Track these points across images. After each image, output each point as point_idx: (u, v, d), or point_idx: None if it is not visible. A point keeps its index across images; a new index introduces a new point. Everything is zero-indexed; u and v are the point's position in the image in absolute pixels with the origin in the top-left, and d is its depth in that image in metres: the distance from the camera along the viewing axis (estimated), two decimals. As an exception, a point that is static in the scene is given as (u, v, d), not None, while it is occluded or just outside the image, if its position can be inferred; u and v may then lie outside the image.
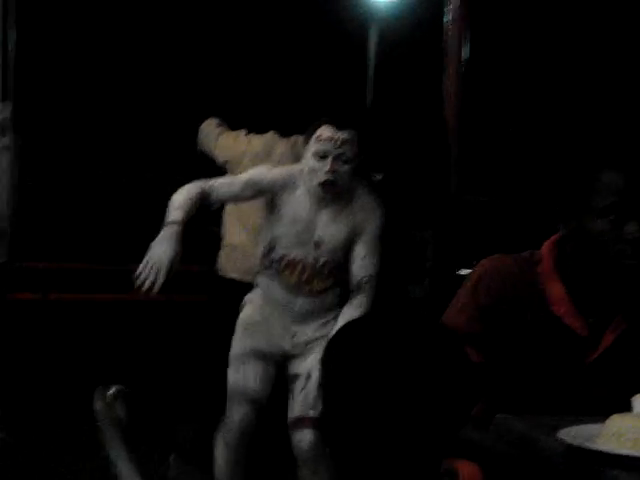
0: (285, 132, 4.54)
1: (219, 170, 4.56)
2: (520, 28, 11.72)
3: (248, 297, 3.73)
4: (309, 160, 3.51)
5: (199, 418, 4.62)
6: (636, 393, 1.88)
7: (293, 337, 3.64)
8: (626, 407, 1.87)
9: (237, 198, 3.64)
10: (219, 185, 3.57)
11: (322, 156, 3.47)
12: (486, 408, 2.07)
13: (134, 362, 6.27)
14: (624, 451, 1.60)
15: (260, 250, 3.67)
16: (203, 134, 4.69)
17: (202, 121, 4.79)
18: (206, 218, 3.80)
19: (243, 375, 3.59)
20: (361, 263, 3.57)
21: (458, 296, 2.26)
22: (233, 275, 4.40)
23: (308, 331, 3.62)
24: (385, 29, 10.96)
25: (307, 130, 3.57)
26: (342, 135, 3.47)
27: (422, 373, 1.45)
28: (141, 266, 3.31)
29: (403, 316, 1.52)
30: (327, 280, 3.58)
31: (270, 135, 4.55)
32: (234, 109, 4.92)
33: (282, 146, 4.40)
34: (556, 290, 2.19)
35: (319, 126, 3.51)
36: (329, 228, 3.57)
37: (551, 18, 11.53)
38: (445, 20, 6.01)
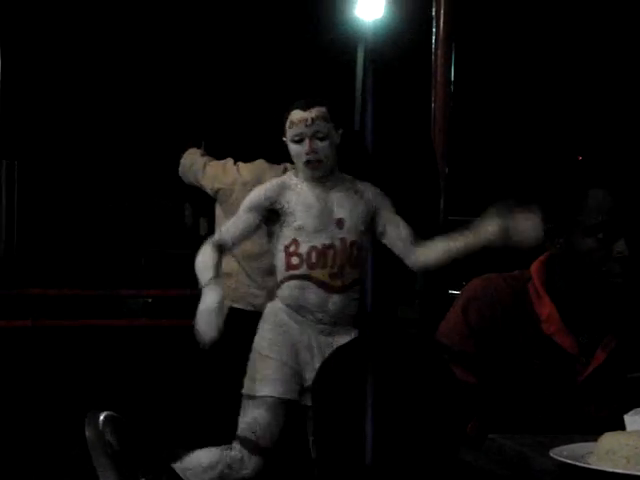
0: (274, 159, 4.54)
1: (207, 196, 4.56)
2: (507, 47, 11.77)
3: (262, 321, 3.58)
4: (290, 149, 3.57)
5: (191, 442, 4.61)
6: (628, 410, 1.88)
7: (315, 357, 3.44)
8: (618, 425, 1.87)
9: (250, 227, 3.56)
10: (226, 229, 3.57)
11: (298, 140, 3.51)
12: (480, 427, 2.07)
13: (125, 388, 6.25)
14: (617, 469, 1.60)
15: (279, 258, 3.54)
16: (187, 165, 4.65)
17: (185, 146, 4.75)
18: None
19: (272, 423, 3.46)
20: (401, 226, 3.53)
21: (449, 316, 2.27)
22: (226, 303, 4.40)
23: (334, 344, 3.40)
24: (373, 49, 10.99)
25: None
26: (310, 114, 3.51)
27: (413, 396, 1.45)
28: (195, 321, 3.37)
29: (394, 340, 1.52)
30: (355, 269, 3.49)
31: (259, 163, 4.55)
32: (219, 137, 4.92)
33: (272, 173, 4.41)
34: (546, 309, 2.20)
35: (288, 114, 3.56)
36: (345, 205, 3.53)
37: (540, 36, 11.58)
38: (433, 39, 6.04)
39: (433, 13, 6.02)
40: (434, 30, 6.05)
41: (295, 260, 3.49)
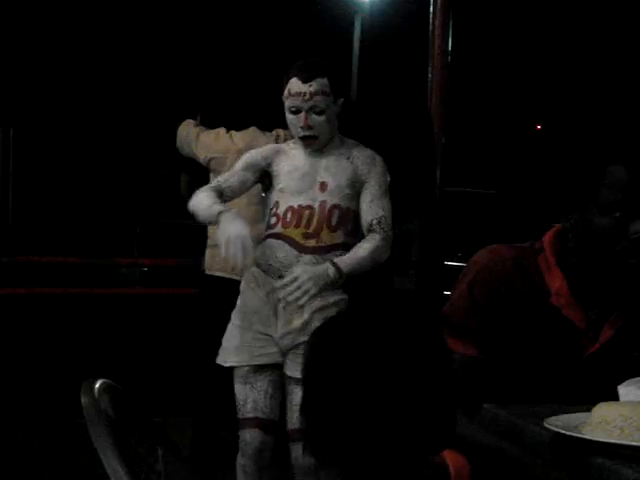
0: (266, 126, 4.53)
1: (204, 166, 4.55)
2: (505, 17, 11.70)
3: (241, 286, 3.49)
4: (287, 116, 3.44)
5: (188, 411, 4.63)
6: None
7: (287, 323, 3.36)
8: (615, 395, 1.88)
9: (245, 184, 3.47)
10: (224, 180, 3.48)
11: (295, 111, 3.38)
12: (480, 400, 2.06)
13: (120, 356, 6.26)
14: (611, 439, 1.61)
15: (265, 220, 3.46)
16: (182, 137, 4.65)
17: (181, 115, 4.75)
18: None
19: (250, 393, 3.37)
20: (368, 206, 3.38)
21: (456, 289, 2.25)
22: (219, 273, 4.40)
23: (305, 313, 3.33)
24: (369, 22, 10.95)
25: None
26: (309, 88, 3.37)
27: (406, 368, 1.44)
28: (224, 249, 3.24)
29: (387, 310, 1.52)
30: (335, 233, 3.35)
31: (251, 130, 4.54)
32: (213, 105, 4.90)
33: (264, 140, 4.39)
34: (557, 281, 2.18)
35: (288, 80, 3.42)
36: (331, 170, 3.41)
37: (540, 6, 11.52)
38: (430, 11, 6.01)
39: (431, -17, 5.99)
40: (432, 1, 6.02)
41: (273, 220, 3.40)
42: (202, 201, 3.36)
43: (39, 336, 6.63)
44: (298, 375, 3.22)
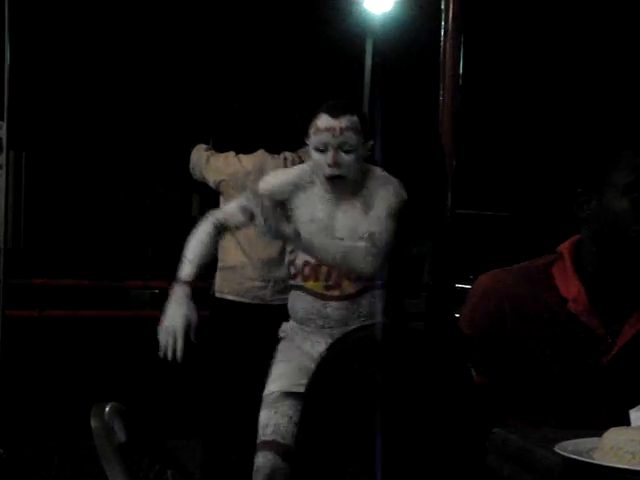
0: (274, 149, 4.55)
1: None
2: (516, 39, 11.73)
3: (282, 328, 3.42)
4: (312, 154, 3.30)
5: (199, 434, 4.62)
6: None
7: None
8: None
9: (255, 214, 3.30)
10: (232, 211, 3.37)
11: (323, 149, 3.24)
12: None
13: (131, 379, 6.26)
14: (622, 465, 1.59)
15: (286, 263, 3.43)
16: (194, 160, 4.69)
17: (194, 139, 4.79)
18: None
19: (273, 417, 3.27)
20: (369, 218, 3.26)
21: (459, 320, 2.25)
22: (230, 297, 4.40)
23: None
24: (381, 42, 10.97)
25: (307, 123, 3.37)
26: (340, 123, 3.23)
27: (426, 395, 1.42)
28: (160, 334, 3.27)
29: (400, 333, 1.50)
30: (358, 282, 3.26)
31: (259, 153, 4.56)
32: (225, 129, 4.92)
33: (272, 163, 4.41)
34: (574, 288, 2.16)
35: (315, 117, 3.29)
36: (348, 221, 3.28)
37: (550, 29, 11.54)
38: (442, 33, 6.03)
39: (442, 6, 6.00)
40: (443, 23, 6.03)
41: (292, 270, 3.34)
42: (189, 247, 3.31)
43: (51, 358, 6.64)
44: None
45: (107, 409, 1.91)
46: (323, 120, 3.25)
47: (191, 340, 3.29)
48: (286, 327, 3.38)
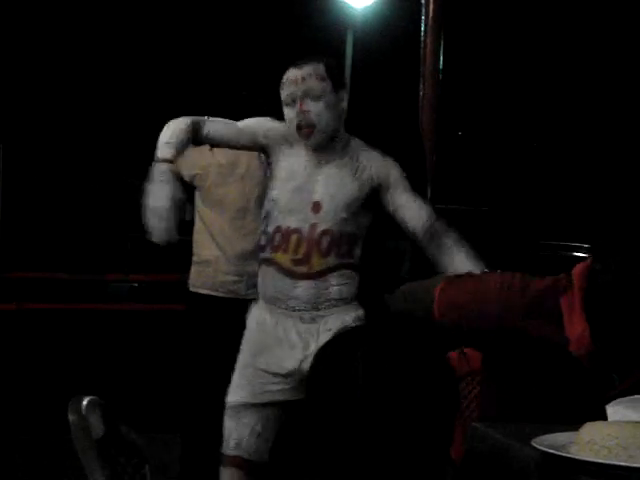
0: None
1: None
2: (496, 35, 11.74)
3: (248, 322, 3.27)
4: (284, 112, 3.15)
5: (178, 429, 4.61)
6: None
7: (305, 348, 3.12)
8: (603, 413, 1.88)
9: (230, 141, 3.25)
10: (213, 122, 3.23)
11: (290, 102, 3.12)
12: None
13: (110, 372, 6.24)
14: (598, 459, 1.60)
15: (260, 231, 3.24)
16: None
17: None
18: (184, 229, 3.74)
19: (235, 429, 3.16)
20: (416, 208, 3.12)
21: (462, 303, 2.11)
22: (204, 291, 4.39)
23: (322, 336, 3.08)
24: (362, 37, 10.96)
25: None
26: (302, 72, 3.11)
27: (409, 388, 1.43)
28: (146, 216, 3.09)
29: (384, 328, 1.51)
30: (327, 257, 3.10)
31: None
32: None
33: (247, 156, 4.40)
34: (578, 328, 2.00)
35: (283, 77, 3.19)
36: (331, 186, 3.13)
37: (530, 24, 11.56)
38: (422, 27, 6.04)
39: (422, 1, 6.01)
40: (423, 17, 6.04)
41: (263, 240, 3.17)
42: (165, 134, 3.15)
43: (29, 352, 6.61)
44: None
45: (84, 403, 1.90)
46: (288, 73, 3.17)
47: (179, 219, 3.12)
48: (255, 310, 3.24)
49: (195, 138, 3.21)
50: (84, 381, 5.75)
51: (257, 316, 3.22)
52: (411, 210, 3.16)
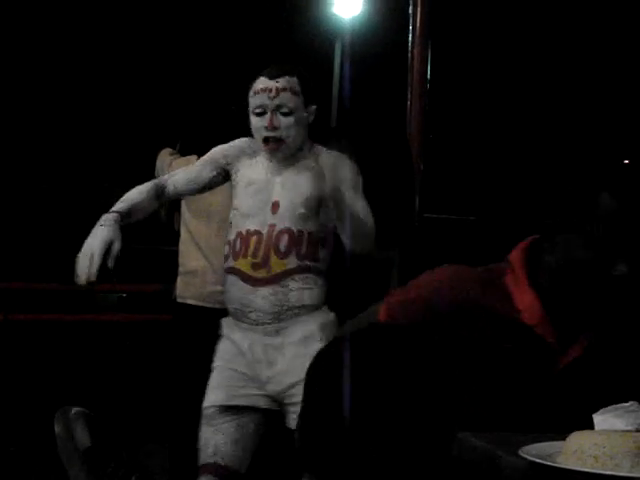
0: None
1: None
2: (484, 45, 11.78)
3: (223, 331, 3.23)
4: (251, 119, 3.13)
5: (162, 439, 4.60)
6: (600, 407, 1.88)
7: (270, 365, 3.08)
8: (590, 422, 1.88)
9: (197, 181, 3.20)
10: (175, 175, 3.23)
11: (260, 112, 3.08)
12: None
13: (98, 383, 6.23)
14: (585, 468, 1.61)
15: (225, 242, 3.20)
16: (158, 165, 4.72)
17: (162, 143, 4.80)
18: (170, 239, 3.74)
19: (213, 436, 3.08)
20: (358, 207, 3.04)
21: (408, 303, 2.20)
22: (191, 302, 4.38)
23: (287, 351, 3.05)
24: (350, 46, 10.99)
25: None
26: (276, 84, 3.07)
27: (403, 389, 1.43)
28: (78, 259, 3.07)
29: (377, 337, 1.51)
30: (286, 259, 3.04)
31: None
32: (193, 133, 4.93)
33: None
34: (527, 300, 2.14)
35: (254, 80, 3.15)
36: (287, 185, 3.10)
37: (516, 33, 11.61)
38: (410, 37, 6.05)
39: (410, 11, 6.02)
40: (411, 27, 6.05)
41: (226, 249, 3.13)
42: (128, 195, 3.17)
43: (16, 363, 6.59)
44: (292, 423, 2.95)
45: (71, 414, 1.90)
46: (260, 82, 3.12)
47: (109, 267, 3.09)
48: (224, 323, 3.20)
49: (162, 197, 3.20)
50: (72, 392, 5.73)
51: (227, 330, 3.17)
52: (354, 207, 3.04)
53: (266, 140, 3.09)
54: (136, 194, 3.17)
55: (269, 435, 3.14)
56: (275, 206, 3.08)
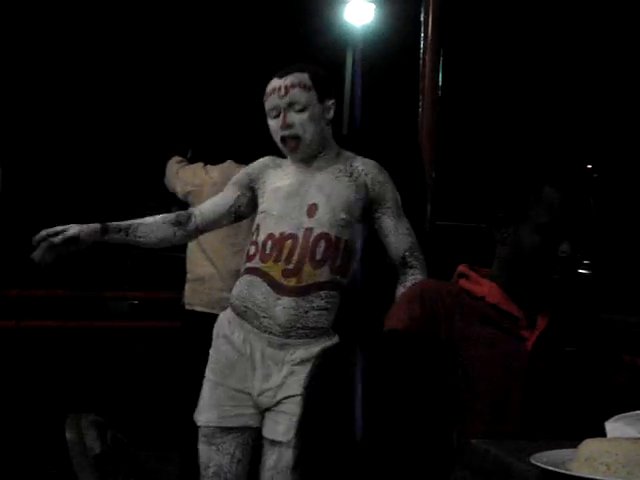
0: (243, 160, 4.56)
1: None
2: (495, 53, 11.77)
3: (214, 333, 3.09)
4: (269, 124, 3.04)
5: (176, 446, 4.60)
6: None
7: (265, 379, 2.96)
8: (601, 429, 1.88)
9: (222, 203, 3.11)
10: (203, 204, 3.16)
11: (275, 115, 2.99)
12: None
13: (109, 390, 6.23)
14: (596, 476, 1.60)
15: (249, 242, 3.05)
16: (167, 173, 4.76)
17: (173, 151, 4.83)
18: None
19: (215, 456, 3.01)
20: (395, 235, 3.00)
21: (393, 317, 2.28)
22: (199, 308, 4.39)
23: (285, 367, 2.93)
24: (361, 54, 10.99)
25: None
26: (285, 82, 2.99)
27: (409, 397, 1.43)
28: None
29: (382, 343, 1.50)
30: (320, 268, 2.90)
31: (227, 164, 4.60)
32: (204, 141, 4.95)
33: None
34: (487, 286, 2.26)
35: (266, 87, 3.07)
36: (326, 189, 2.97)
37: (528, 43, 11.60)
38: (421, 45, 6.05)
39: (422, 19, 6.02)
40: (422, 35, 6.04)
41: (252, 249, 2.98)
42: (144, 220, 3.08)
43: (27, 369, 6.60)
44: (277, 437, 2.92)
45: (82, 421, 1.90)
46: (270, 84, 3.04)
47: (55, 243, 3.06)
48: (224, 320, 3.06)
49: (187, 225, 3.12)
50: (82, 398, 5.74)
51: (225, 328, 3.03)
52: (388, 237, 3.05)
53: (283, 140, 3.00)
54: (151, 217, 3.11)
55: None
56: (312, 209, 2.95)
